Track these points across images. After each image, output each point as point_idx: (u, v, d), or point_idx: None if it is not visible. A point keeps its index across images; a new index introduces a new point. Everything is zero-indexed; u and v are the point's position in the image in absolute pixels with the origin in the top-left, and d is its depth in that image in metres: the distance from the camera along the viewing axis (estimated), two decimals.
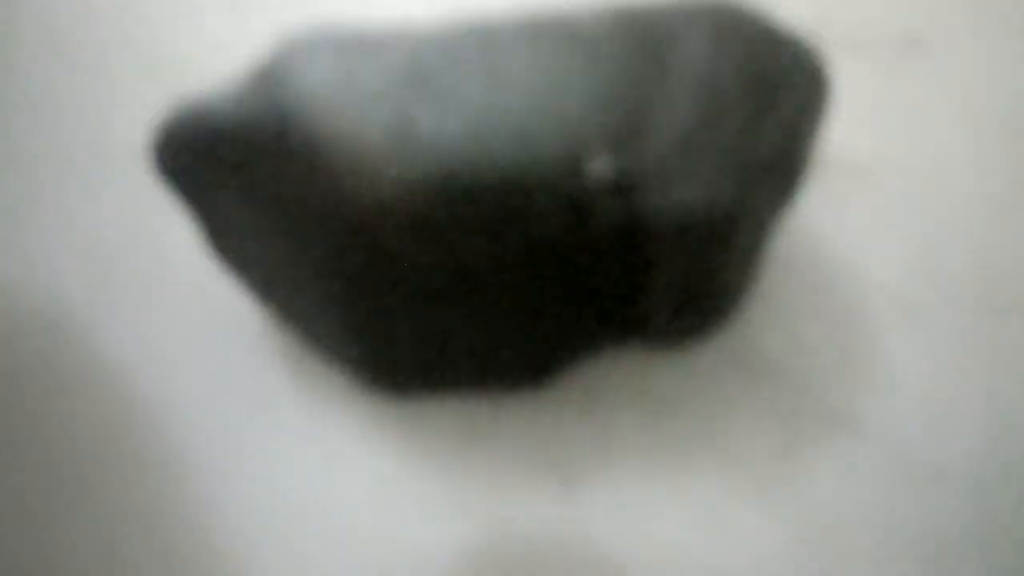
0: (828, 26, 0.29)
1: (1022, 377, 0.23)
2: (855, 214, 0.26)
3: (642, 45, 0.18)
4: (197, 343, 0.24)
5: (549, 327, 0.21)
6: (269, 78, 0.19)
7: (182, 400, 0.24)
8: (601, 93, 0.18)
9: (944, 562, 0.21)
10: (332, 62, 0.18)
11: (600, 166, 0.18)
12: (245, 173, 0.19)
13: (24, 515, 0.22)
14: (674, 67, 0.18)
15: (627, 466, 0.23)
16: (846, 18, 0.29)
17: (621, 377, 0.24)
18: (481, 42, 0.18)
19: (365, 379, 0.22)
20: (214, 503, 0.22)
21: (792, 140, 0.18)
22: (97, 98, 0.28)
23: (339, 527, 0.22)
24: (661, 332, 0.21)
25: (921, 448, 0.23)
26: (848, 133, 0.27)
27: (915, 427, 0.23)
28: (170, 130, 0.19)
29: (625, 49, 0.18)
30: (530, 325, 0.21)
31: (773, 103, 0.18)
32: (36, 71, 0.29)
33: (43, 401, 0.24)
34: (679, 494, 0.22)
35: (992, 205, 0.26)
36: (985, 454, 0.22)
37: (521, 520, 0.22)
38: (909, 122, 0.27)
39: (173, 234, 0.26)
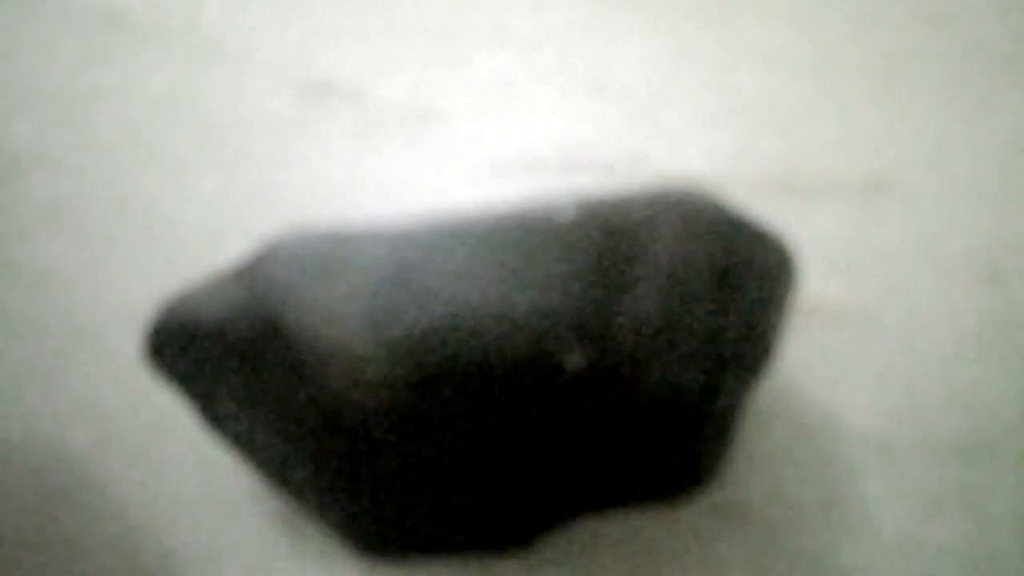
0: (795, 170, 0.30)
1: (1001, 520, 0.24)
2: (829, 359, 0.26)
3: (612, 236, 0.19)
4: (194, 504, 0.25)
5: (532, 498, 0.21)
6: (253, 277, 0.20)
7: (181, 560, 0.24)
8: (574, 285, 0.19)
9: None
10: (313, 260, 0.19)
11: (573, 359, 0.18)
12: (233, 366, 0.20)
13: None
14: (643, 258, 0.19)
15: None
16: (813, 162, 0.30)
17: (604, 530, 0.24)
18: (457, 237, 0.19)
19: (355, 543, 0.23)
20: None
21: (759, 324, 0.19)
22: (96, 264, 0.29)
23: None
24: (642, 497, 0.22)
25: None
26: (820, 278, 0.28)
27: (896, 573, 0.23)
28: (159, 327, 0.20)
29: (595, 241, 0.19)
30: (513, 497, 0.21)
31: (740, 290, 0.19)
32: (38, 239, 0.30)
33: (46, 558, 0.24)
34: None
35: (965, 345, 0.26)
36: None
37: None
38: (879, 264, 0.28)
39: (170, 399, 0.26)
